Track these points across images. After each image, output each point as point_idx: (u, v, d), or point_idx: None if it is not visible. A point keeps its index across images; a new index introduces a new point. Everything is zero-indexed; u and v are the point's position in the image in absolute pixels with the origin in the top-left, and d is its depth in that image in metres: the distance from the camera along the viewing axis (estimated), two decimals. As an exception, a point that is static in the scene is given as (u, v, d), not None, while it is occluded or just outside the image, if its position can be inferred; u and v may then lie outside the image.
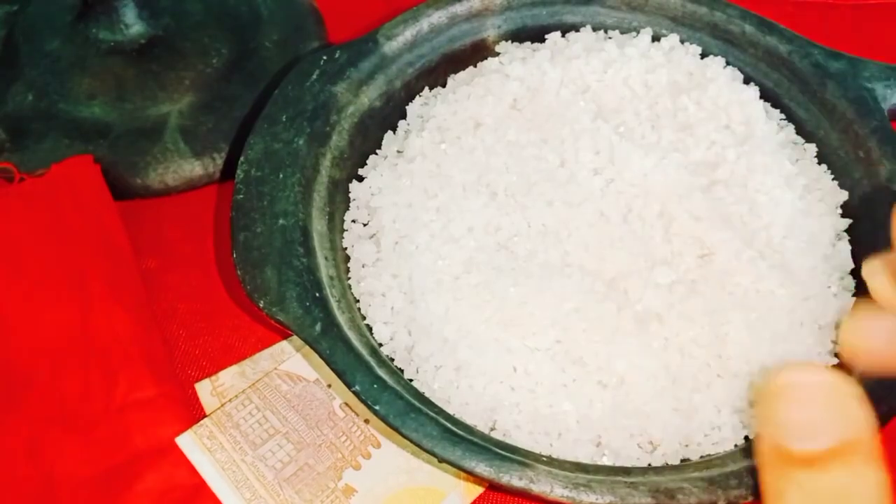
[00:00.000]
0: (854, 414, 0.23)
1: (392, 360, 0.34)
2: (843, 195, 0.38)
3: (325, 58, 0.39)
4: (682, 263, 0.35)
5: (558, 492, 0.29)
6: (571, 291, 0.33)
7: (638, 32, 0.42)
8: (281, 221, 0.34)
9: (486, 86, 0.40)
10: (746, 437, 0.33)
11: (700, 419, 0.32)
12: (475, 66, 0.42)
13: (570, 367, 0.32)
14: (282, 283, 0.33)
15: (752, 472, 0.29)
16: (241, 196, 0.35)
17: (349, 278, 0.36)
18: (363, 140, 0.40)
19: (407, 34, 0.41)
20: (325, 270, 0.34)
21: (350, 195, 0.38)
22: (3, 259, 0.39)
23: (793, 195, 0.37)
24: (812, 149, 0.39)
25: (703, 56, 0.41)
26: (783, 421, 0.23)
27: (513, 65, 0.40)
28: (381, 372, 0.31)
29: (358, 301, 0.36)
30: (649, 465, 0.32)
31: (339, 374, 0.31)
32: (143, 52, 0.45)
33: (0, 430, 0.36)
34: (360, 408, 0.37)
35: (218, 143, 0.44)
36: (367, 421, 0.37)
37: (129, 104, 0.44)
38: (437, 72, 0.42)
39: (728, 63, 0.41)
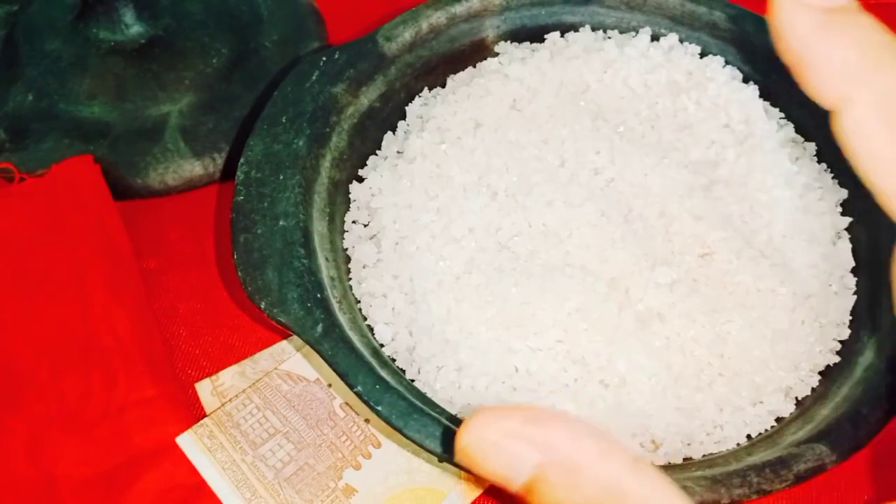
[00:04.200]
0: None
1: (394, 360, 0.34)
2: (843, 193, 0.38)
3: (324, 59, 0.39)
4: (682, 263, 0.35)
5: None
6: (573, 291, 0.33)
7: (637, 32, 0.42)
8: (281, 223, 0.34)
9: (485, 86, 0.39)
10: (748, 436, 0.33)
11: (702, 418, 0.32)
12: (475, 67, 0.42)
13: (571, 367, 0.32)
14: (283, 285, 0.33)
15: (756, 471, 0.29)
16: (242, 197, 0.35)
17: (350, 279, 0.36)
18: (363, 141, 0.39)
19: (406, 35, 0.41)
20: (325, 271, 0.34)
21: (350, 196, 0.38)
22: (3, 259, 0.39)
23: (793, 193, 0.37)
24: (812, 147, 0.39)
25: (702, 55, 0.41)
26: None
27: (512, 65, 0.40)
28: (383, 373, 0.31)
29: (359, 302, 0.35)
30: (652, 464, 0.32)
31: (342, 376, 0.31)
32: (143, 51, 0.45)
33: (0, 430, 0.36)
34: (361, 407, 0.37)
35: (218, 143, 0.44)
36: (367, 420, 0.37)
37: (129, 104, 0.44)
38: (437, 72, 0.42)
39: (727, 62, 0.41)
